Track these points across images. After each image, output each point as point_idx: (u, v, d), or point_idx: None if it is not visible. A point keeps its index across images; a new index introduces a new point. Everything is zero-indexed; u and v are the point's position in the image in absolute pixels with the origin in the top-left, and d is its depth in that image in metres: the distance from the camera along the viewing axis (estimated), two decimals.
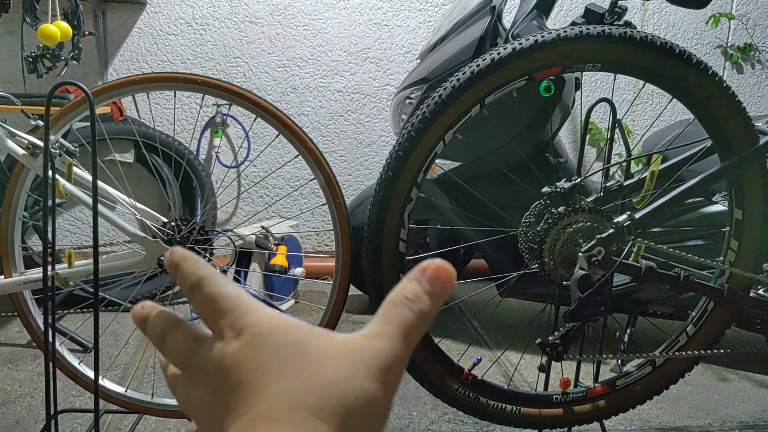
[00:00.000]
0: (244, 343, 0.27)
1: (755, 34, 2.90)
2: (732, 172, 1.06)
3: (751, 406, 1.53)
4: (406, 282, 0.28)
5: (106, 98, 1.14)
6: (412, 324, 0.27)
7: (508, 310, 2.25)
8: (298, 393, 0.24)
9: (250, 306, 0.28)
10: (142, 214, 1.19)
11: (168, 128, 2.53)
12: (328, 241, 2.76)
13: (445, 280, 0.28)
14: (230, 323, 0.28)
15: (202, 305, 0.29)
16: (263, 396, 0.25)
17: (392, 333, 0.27)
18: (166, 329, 0.31)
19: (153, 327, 0.32)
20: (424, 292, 0.28)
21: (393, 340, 0.27)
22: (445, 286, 0.28)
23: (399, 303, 0.27)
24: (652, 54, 1.00)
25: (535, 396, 1.16)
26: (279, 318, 0.28)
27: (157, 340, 0.32)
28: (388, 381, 0.26)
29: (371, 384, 0.25)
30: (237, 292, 0.29)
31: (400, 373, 0.27)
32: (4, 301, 1.57)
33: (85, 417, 1.31)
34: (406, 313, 0.27)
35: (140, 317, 0.33)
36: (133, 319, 0.33)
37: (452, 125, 1.03)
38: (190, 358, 0.29)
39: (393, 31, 2.67)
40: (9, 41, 2.39)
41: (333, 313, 1.19)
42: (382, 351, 0.26)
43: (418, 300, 0.27)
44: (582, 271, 0.98)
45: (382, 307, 0.28)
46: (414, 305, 0.27)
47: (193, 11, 2.54)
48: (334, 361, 0.26)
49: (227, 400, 0.26)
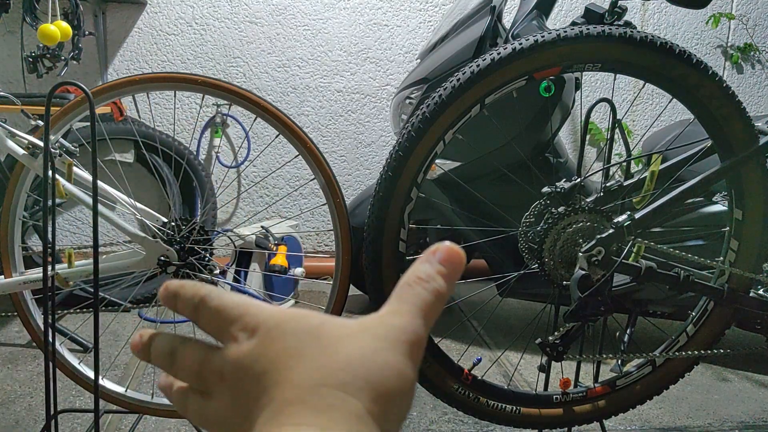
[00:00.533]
0: (261, 337, 0.27)
1: (755, 34, 2.90)
2: (732, 172, 1.06)
3: (751, 406, 1.53)
4: (418, 264, 0.28)
5: (106, 98, 1.14)
6: (428, 302, 0.27)
7: (508, 310, 2.25)
8: (321, 372, 0.24)
9: (258, 306, 0.28)
10: (142, 214, 1.19)
11: (168, 128, 2.53)
12: (328, 241, 2.76)
13: (456, 261, 0.28)
14: (242, 326, 0.28)
15: (210, 321, 0.29)
16: (286, 381, 0.25)
17: (410, 310, 0.27)
18: (175, 347, 0.31)
19: (159, 348, 0.31)
20: (437, 272, 0.28)
21: (411, 317, 0.27)
22: (457, 267, 0.28)
23: (413, 283, 0.28)
24: (652, 54, 1.00)
25: (535, 396, 1.16)
26: (291, 310, 0.28)
27: (165, 360, 0.31)
28: (412, 355, 0.26)
29: (397, 356, 0.25)
30: (242, 299, 0.29)
31: (421, 350, 0.27)
32: (4, 301, 1.58)
33: (85, 417, 1.31)
34: (421, 292, 0.27)
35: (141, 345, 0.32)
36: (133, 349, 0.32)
37: (452, 125, 1.03)
38: (204, 370, 0.29)
39: (393, 31, 2.67)
40: (9, 41, 2.39)
41: (333, 313, 1.19)
42: (402, 326, 0.26)
43: (432, 280, 0.28)
44: (582, 271, 0.98)
45: (396, 289, 0.28)
46: (429, 285, 0.28)
47: (193, 11, 2.54)
48: (355, 339, 0.26)
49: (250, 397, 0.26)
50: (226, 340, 0.28)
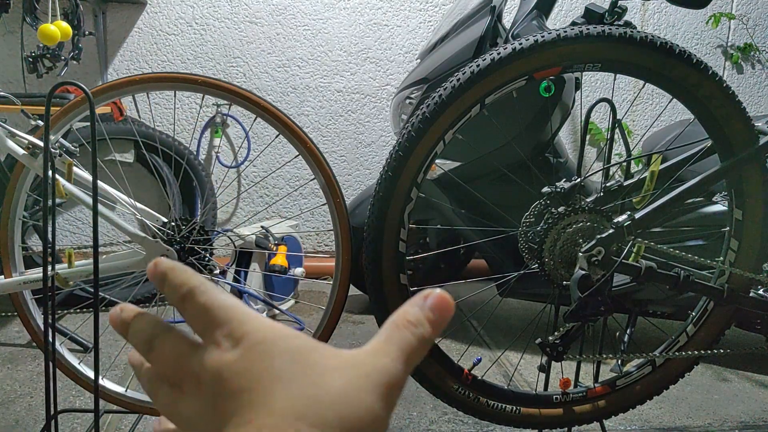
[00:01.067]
0: (245, 351, 0.26)
1: (755, 34, 2.90)
2: (732, 172, 1.06)
3: (751, 406, 1.53)
4: (408, 306, 0.29)
5: (106, 98, 1.14)
6: (413, 347, 0.27)
7: (508, 310, 2.25)
8: (303, 404, 0.24)
9: (247, 315, 0.28)
10: (142, 214, 1.19)
11: (168, 128, 2.53)
12: (328, 241, 2.76)
13: (446, 309, 0.29)
14: (228, 332, 0.27)
15: (195, 316, 0.29)
16: (267, 405, 0.24)
17: (394, 353, 0.27)
18: (155, 335, 0.30)
19: (138, 331, 0.31)
20: (425, 318, 0.28)
21: (395, 360, 0.27)
22: (445, 315, 0.29)
23: (401, 326, 0.28)
24: (652, 54, 1.00)
25: (535, 396, 1.16)
26: (279, 327, 0.27)
27: (142, 346, 0.30)
28: (389, 399, 0.26)
29: (375, 400, 0.25)
30: (232, 302, 0.29)
31: (399, 393, 0.27)
32: (4, 301, 1.58)
33: (85, 417, 1.31)
34: (408, 336, 0.28)
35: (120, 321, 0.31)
36: (111, 322, 0.31)
37: (452, 125, 1.03)
38: (182, 367, 0.28)
39: (393, 31, 2.67)
40: (9, 41, 2.39)
41: (333, 313, 1.19)
42: (385, 369, 0.26)
43: (420, 325, 0.28)
44: (582, 271, 0.98)
45: (384, 326, 0.28)
46: (416, 330, 0.28)
47: (193, 11, 2.54)
48: (340, 374, 0.25)
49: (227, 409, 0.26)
50: (209, 342, 0.28)
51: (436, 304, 0.28)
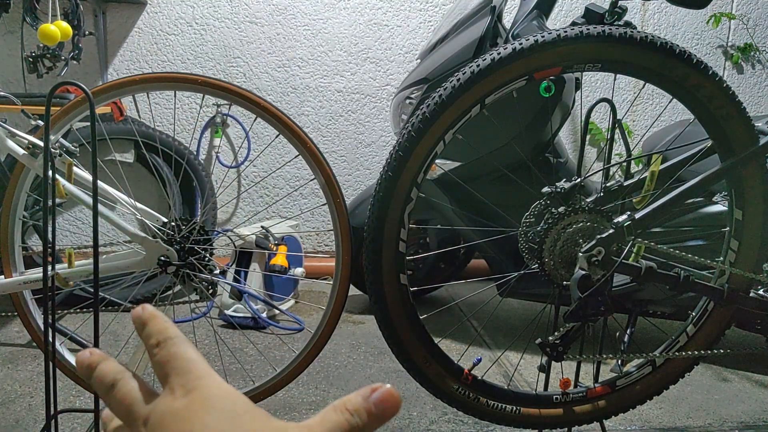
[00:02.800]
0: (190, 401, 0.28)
1: (755, 34, 2.90)
2: (732, 172, 1.06)
3: (751, 406, 1.53)
4: (354, 394, 0.30)
5: (106, 98, 1.14)
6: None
7: (508, 310, 2.25)
8: None
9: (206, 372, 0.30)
10: (142, 214, 1.19)
11: (168, 128, 2.53)
12: (328, 241, 2.76)
13: (390, 406, 0.29)
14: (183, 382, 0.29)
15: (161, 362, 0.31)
16: None
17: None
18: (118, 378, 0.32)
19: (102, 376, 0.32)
20: (364, 410, 0.29)
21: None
22: (387, 413, 0.29)
23: (339, 410, 0.29)
24: (652, 54, 1.00)
25: (535, 396, 1.16)
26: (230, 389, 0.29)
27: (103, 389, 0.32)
28: None
29: None
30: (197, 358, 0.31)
31: None
32: (4, 301, 1.58)
33: (85, 417, 1.31)
34: (342, 421, 0.29)
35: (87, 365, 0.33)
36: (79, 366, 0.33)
37: (452, 125, 1.03)
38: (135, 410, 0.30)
39: (393, 31, 2.67)
40: (9, 41, 2.39)
41: (333, 313, 1.19)
42: None
43: (356, 414, 0.29)
44: (582, 271, 0.98)
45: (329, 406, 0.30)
46: (351, 418, 0.29)
47: (193, 11, 2.54)
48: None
49: None
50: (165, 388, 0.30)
51: (381, 399, 0.29)
